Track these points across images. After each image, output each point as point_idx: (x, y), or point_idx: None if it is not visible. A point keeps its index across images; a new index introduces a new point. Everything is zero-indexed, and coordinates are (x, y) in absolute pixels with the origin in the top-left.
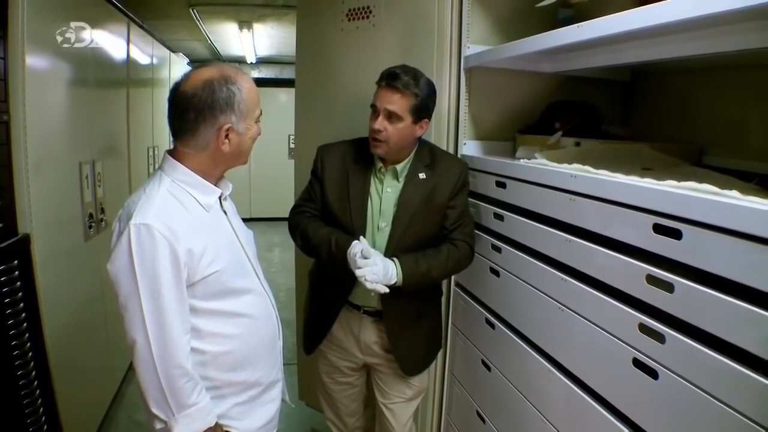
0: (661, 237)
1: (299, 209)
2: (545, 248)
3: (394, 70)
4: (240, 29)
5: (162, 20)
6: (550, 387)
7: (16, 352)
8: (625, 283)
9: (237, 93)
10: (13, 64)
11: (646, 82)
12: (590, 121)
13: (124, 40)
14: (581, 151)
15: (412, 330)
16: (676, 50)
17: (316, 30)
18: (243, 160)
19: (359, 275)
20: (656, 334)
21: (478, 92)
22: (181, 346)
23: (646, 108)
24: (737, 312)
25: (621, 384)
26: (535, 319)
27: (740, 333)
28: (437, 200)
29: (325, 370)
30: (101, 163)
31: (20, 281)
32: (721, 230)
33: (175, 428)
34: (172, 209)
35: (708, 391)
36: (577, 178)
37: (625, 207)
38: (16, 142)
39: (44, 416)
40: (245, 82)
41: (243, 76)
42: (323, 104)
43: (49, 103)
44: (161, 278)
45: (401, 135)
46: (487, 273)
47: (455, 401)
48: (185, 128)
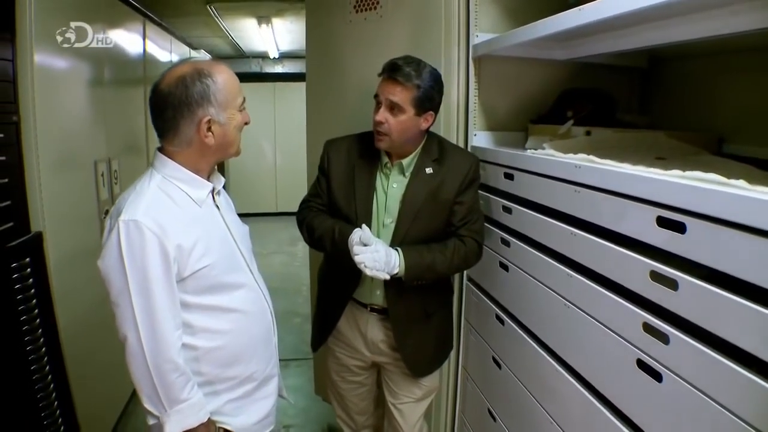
0: (665, 231)
1: (306, 204)
2: (551, 242)
3: (396, 61)
4: (259, 24)
5: (181, 18)
6: (557, 387)
7: (30, 347)
8: (630, 280)
9: (211, 85)
10: (22, 66)
11: (664, 67)
12: (604, 109)
13: (139, 38)
14: (592, 140)
15: (420, 329)
16: (690, 32)
17: (325, 22)
18: (232, 150)
19: (358, 261)
20: (660, 335)
21: (489, 82)
22: (172, 341)
23: (665, 95)
24: (744, 313)
25: (626, 387)
26: (543, 315)
27: (747, 335)
28: (444, 196)
29: (334, 369)
30: (118, 160)
31: (33, 278)
32: (725, 223)
33: (167, 424)
34: (161, 205)
35: (713, 397)
36: (581, 169)
37: (628, 198)
38: (27, 142)
39: (60, 412)
40: (220, 74)
41: (218, 68)
42: (333, 97)
43: (60, 103)
44: (151, 274)
45: (404, 127)
46: (497, 267)
47: (468, 398)
48: (167, 127)
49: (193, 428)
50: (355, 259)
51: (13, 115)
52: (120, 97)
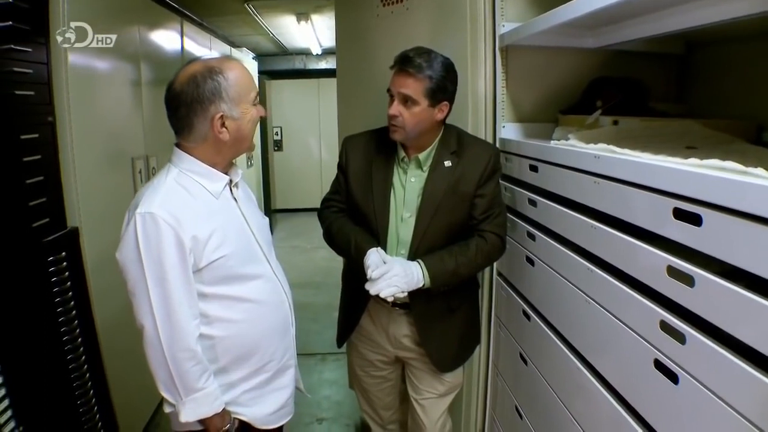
0: (682, 223)
1: (327, 203)
2: (573, 236)
3: (407, 53)
4: (298, 21)
5: (222, 17)
6: (580, 387)
7: (67, 340)
8: (647, 275)
9: (222, 82)
10: (57, 69)
11: (702, 53)
12: (634, 97)
13: (177, 38)
14: (619, 130)
15: (444, 325)
16: (727, 11)
17: (353, 17)
18: (247, 145)
19: (372, 292)
20: (677, 334)
21: (518, 72)
22: (189, 330)
23: (703, 82)
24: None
25: (644, 388)
26: (565, 311)
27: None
28: (464, 188)
29: (358, 363)
30: (156, 157)
31: (69, 272)
32: (742, 215)
33: (182, 411)
34: (177, 197)
35: (731, 403)
36: (600, 159)
37: (645, 189)
38: (62, 141)
39: (96, 404)
40: (231, 70)
41: (229, 64)
42: (362, 92)
43: (97, 102)
44: (166, 265)
45: (418, 119)
46: (523, 262)
47: (499, 396)
48: (182, 124)
49: (208, 418)
50: (370, 291)
51: (48, 116)
52: (158, 96)
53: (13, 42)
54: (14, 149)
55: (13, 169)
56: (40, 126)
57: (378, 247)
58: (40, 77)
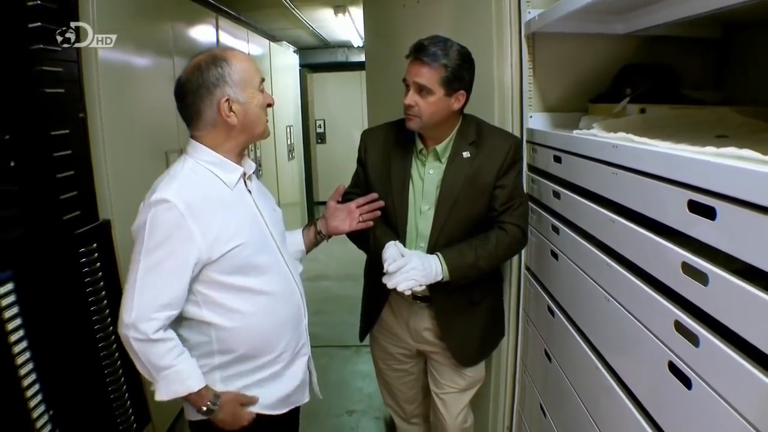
0: (696, 216)
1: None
2: (594, 229)
3: (422, 42)
4: (335, 14)
5: (259, 11)
6: (600, 387)
7: (98, 326)
8: (662, 272)
9: (226, 68)
10: (87, 66)
11: (740, 37)
12: (664, 84)
13: (212, 33)
14: (646, 118)
15: (466, 318)
16: None
17: (381, 8)
18: (259, 130)
19: (390, 286)
20: (691, 335)
21: (545, 61)
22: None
23: (742, 68)
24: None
25: (659, 392)
26: (586, 308)
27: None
28: (484, 180)
29: (380, 357)
30: None
31: (100, 262)
32: (758, 208)
33: (157, 390)
34: (191, 187)
35: (744, 414)
36: (618, 149)
37: (660, 180)
38: (93, 135)
39: (128, 393)
40: (235, 57)
41: (233, 53)
42: (390, 84)
43: (128, 98)
44: (167, 250)
45: (434, 109)
46: (548, 256)
47: (526, 393)
48: (190, 113)
49: (186, 397)
50: (388, 284)
51: (79, 112)
52: None
53: (43, 42)
54: (44, 145)
55: (44, 164)
56: (70, 122)
57: (396, 241)
58: (70, 75)
